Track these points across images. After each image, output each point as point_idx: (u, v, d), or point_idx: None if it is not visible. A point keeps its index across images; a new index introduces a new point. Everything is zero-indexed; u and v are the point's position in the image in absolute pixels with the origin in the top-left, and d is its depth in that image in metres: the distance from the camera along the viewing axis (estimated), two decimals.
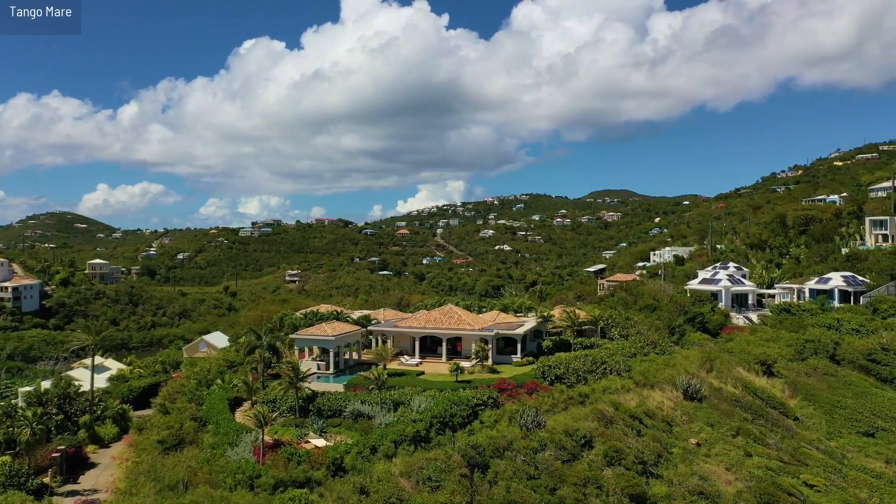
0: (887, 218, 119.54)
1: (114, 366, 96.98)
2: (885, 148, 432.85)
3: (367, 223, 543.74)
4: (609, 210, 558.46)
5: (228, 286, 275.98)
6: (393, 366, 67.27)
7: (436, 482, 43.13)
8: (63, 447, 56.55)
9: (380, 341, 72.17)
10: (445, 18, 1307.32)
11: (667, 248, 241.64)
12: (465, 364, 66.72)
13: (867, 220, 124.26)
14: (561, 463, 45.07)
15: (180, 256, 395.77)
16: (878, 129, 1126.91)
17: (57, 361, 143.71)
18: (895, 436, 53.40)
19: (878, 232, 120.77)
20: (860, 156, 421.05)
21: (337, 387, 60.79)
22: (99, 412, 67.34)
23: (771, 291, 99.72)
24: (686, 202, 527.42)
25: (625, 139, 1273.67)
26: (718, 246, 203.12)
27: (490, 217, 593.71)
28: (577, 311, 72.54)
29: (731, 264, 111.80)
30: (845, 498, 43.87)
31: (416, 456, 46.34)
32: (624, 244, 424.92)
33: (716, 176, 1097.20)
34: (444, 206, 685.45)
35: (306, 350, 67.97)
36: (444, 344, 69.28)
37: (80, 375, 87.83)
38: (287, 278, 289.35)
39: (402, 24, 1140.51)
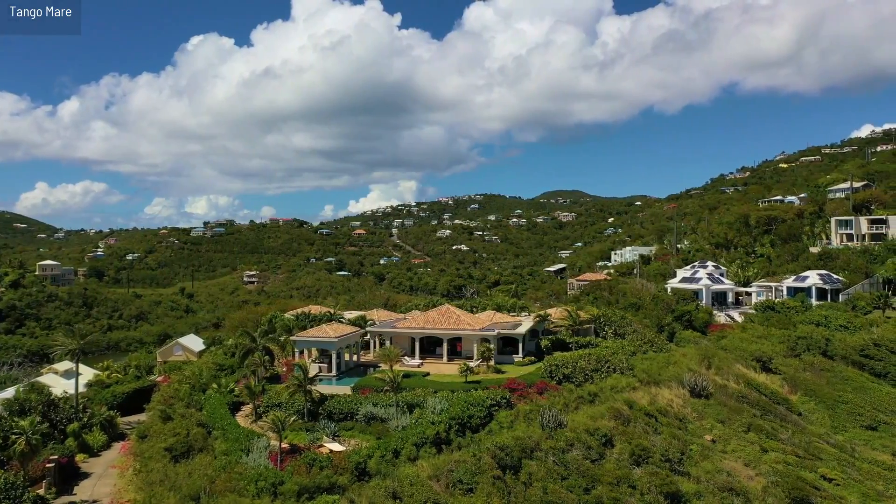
0: (852, 218, 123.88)
1: (84, 371, 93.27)
2: (828, 151, 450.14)
3: (322, 223, 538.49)
4: (563, 210, 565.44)
5: (184, 288, 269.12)
6: (395, 366, 66.25)
7: (467, 485, 42.53)
8: (56, 457, 54.07)
9: (377, 342, 71.08)
10: (398, 18, 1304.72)
11: (627, 248, 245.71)
12: (459, 363, 66.26)
13: (833, 220, 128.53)
14: (590, 462, 45.06)
15: (130, 257, 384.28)
16: (819, 131, 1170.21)
17: (11, 367, 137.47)
18: None
19: (843, 231, 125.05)
20: (804, 158, 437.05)
21: (342, 389, 59.50)
22: (85, 420, 64.58)
23: (747, 289, 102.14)
24: (638, 202, 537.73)
25: (575, 140, 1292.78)
26: (679, 245, 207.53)
27: (445, 217, 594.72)
28: (579, 311, 72.65)
29: (710, 263, 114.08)
30: (864, 491, 44.94)
31: (442, 458, 45.64)
32: (580, 244, 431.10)
33: (665, 177, 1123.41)
34: (398, 206, 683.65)
35: (305, 352, 66.39)
36: (444, 344, 68.59)
37: (51, 382, 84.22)
38: (245, 279, 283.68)
39: (354, 23, 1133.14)
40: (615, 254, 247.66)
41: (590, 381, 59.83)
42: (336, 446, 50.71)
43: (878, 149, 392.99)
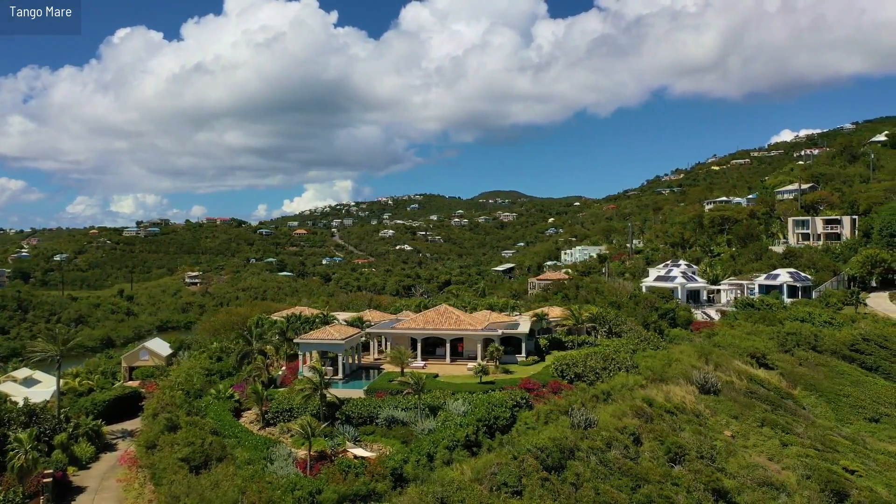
0: (809, 218, 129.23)
1: (43, 378, 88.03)
2: (756, 154, 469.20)
3: (261, 223, 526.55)
4: (502, 210, 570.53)
5: (123, 290, 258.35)
6: (397, 369, 64.96)
7: (513, 487, 41.84)
8: (51, 471, 50.70)
9: (377, 344, 69.51)
10: (334, 16, 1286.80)
11: (577, 248, 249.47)
12: (472, 365, 65.46)
13: (790, 220, 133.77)
14: (630, 461, 45.04)
15: (57, 258, 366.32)
16: (742, 136, 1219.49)
17: None
18: None
19: (799, 231, 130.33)
20: (734, 161, 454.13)
21: (352, 392, 57.74)
22: (70, 430, 60.81)
23: (717, 287, 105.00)
24: (577, 203, 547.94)
25: (511, 141, 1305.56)
26: (627, 245, 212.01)
27: (384, 217, 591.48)
28: (580, 310, 72.78)
29: (682, 262, 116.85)
30: (887, 482, 46.46)
31: (480, 461, 44.81)
32: (522, 244, 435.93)
33: (601, 178, 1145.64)
34: (336, 205, 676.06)
35: (307, 355, 64.25)
36: (447, 345, 67.63)
37: (10, 390, 78.99)
38: (187, 280, 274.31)
39: (289, 20, 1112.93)
40: (565, 253, 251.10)
41: (600, 380, 59.98)
42: (361, 451, 49.18)
43: (804, 152, 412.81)
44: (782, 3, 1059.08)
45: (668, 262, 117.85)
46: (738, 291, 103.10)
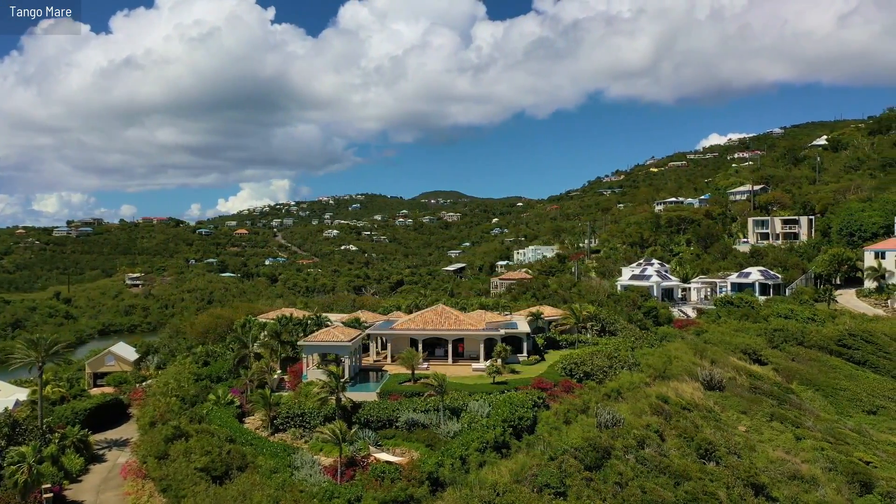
0: (768, 218, 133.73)
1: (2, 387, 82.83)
2: (692, 157, 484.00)
3: (199, 222, 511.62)
4: (445, 210, 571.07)
5: (60, 292, 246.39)
6: (400, 370, 63.76)
7: (556, 488, 41.41)
8: (49, 486, 47.71)
9: (374, 345, 68.02)
10: (271, 12, 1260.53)
11: (530, 248, 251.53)
12: (476, 365, 64.86)
13: (750, 220, 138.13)
14: (665, 458, 45.19)
15: None
16: (675, 139, 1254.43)
17: None
18: (895, 412, 59.75)
19: (759, 231, 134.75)
20: (672, 163, 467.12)
21: (361, 395, 56.08)
22: (57, 441, 57.27)
23: (689, 285, 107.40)
24: (520, 203, 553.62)
25: (451, 142, 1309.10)
26: (580, 245, 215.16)
27: (326, 217, 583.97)
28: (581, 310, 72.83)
29: (655, 261, 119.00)
30: None
31: (514, 462, 44.23)
32: (467, 244, 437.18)
33: (543, 179, 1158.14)
34: (276, 205, 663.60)
35: (310, 358, 62.22)
36: (449, 345, 66.69)
37: None
38: (128, 282, 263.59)
39: (224, 15, 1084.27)
40: (518, 253, 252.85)
41: (608, 378, 60.21)
42: (386, 456, 47.85)
43: (737, 155, 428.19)
44: (711, 11, 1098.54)
45: (642, 261, 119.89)
46: (709, 289, 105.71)
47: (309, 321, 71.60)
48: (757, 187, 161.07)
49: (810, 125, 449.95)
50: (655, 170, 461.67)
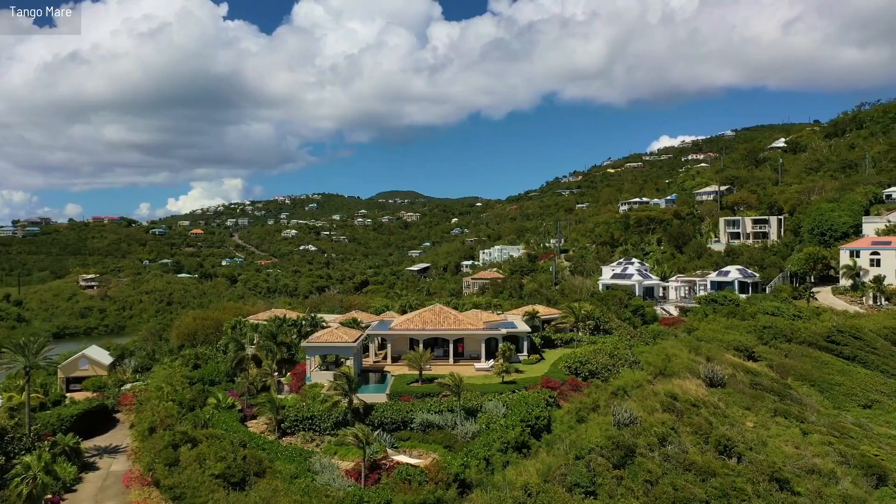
0: (739, 218, 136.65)
1: None
2: (648, 158, 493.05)
3: (152, 222, 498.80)
4: (403, 210, 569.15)
5: (10, 294, 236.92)
6: (401, 370, 62.90)
7: (586, 487, 41.21)
8: (50, 496, 45.73)
9: (377, 345, 66.87)
10: (224, 8, 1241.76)
11: (496, 247, 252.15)
12: (479, 365, 64.36)
13: (721, 220, 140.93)
14: (686, 455, 45.36)
15: None
16: (627, 140, 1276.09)
17: None
18: (890, 406, 61.36)
19: (730, 231, 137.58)
20: (628, 164, 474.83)
21: (368, 397, 54.91)
22: (47, 449, 54.78)
23: (667, 284, 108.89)
24: (479, 203, 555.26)
25: (406, 142, 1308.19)
26: (546, 245, 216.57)
27: (282, 217, 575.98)
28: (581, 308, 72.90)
29: (635, 260, 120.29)
30: None
31: (537, 462, 43.89)
32: (428, 244, 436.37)
33: (499, 179, 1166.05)
34: (231, 204, 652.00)
35: (311, 360, 60.76)
36: (451, 345, 66.01)
37: None
38: (82, 283, 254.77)
39: (175, 10, 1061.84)
40: (483, 253, 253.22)
41: (612, 377, 60.38)
42: (403, 458, 46.99)
43: (690, 156, 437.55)
44: (662, 16, 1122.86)
45: (622, 260, 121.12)
46: (687, 288, 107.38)
47: (303, 322, 70.01)
48: (723, 188, 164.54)
49: (760, 128, 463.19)
50: (612, 171, 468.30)
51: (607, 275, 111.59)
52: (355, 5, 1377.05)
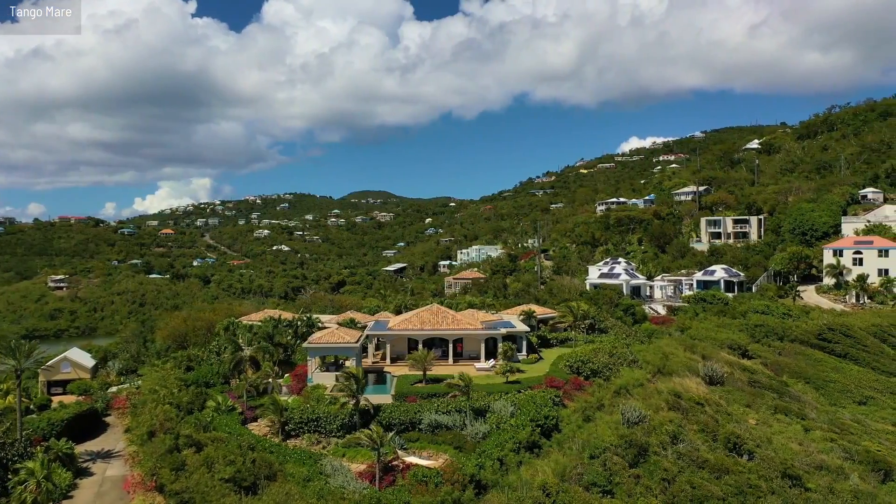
0: (720, 218, 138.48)
1: None
2: (620, 159, 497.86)
3: (121, 222, 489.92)
4: (376, 210, 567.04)
5: None
6: (401, 370, 62.37)
7: (603, 486, 41.18)
8: None
9: (375, 346, 66.17)
10: (192, 6, 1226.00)
11: (473, 247, 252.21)
12: (480, 365, 64.05)
13: (702, 220, 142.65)
14: (697, 452, 45.56)
15: None
16: (598, 141, 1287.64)
17: None
18: (884, 402, 62.44)
19: (711, 230, 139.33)
20: (601, 165, 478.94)
21: (381, 398, 54.20)
22: (40, 455, 53.17)
23: (653, 283, 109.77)
24: (452, 203, 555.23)
25: (379, 141, 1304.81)
26: (525, 245, 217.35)
27: (253, 216, 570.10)
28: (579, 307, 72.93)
29: (622, 260, 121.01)
30: None
31: (549, 462, 43.76)
32: (402, 244, 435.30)
33: (472, 179, 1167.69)
34: (200, 204, 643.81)
35: (312, 361, 59.85)
36: (450, 345, 65.58)
37: None
38: (52, 285, 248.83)
39: (142, 6, 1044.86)
40: (461, 253, 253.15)
41: (614, 376, 60.52)
42: (414, 459, 46.48)
43: (661, 157, 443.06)
44: (632, 18, 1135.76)
45: (609, 260, 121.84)
46: (673, 287, 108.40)
47: (299, 323, 69.01)
48: (701, 188, 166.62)
49: (729, 130, 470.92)
50: (585, 171, 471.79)
51: (594, 274, 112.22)
52: (326, 4, 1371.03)
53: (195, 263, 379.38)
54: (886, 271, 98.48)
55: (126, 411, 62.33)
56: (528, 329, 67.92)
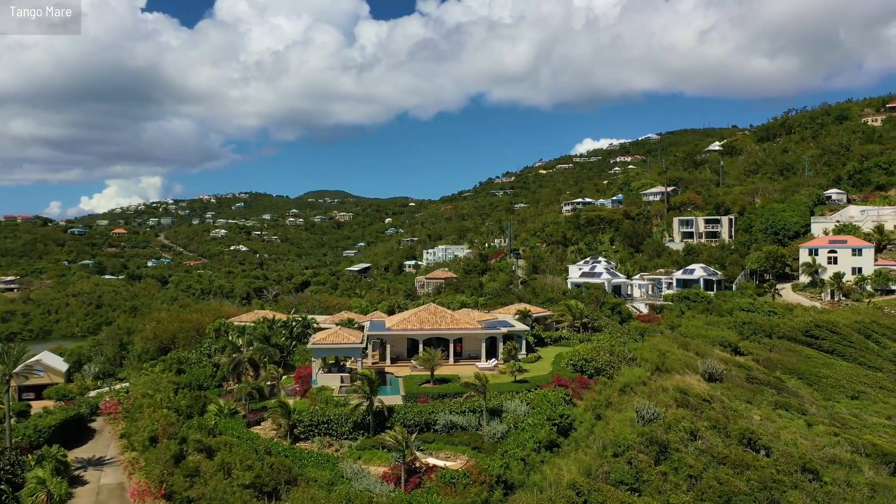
0: (692, 218, 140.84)
1: None
2: (578, 160, 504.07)
3: (69, 221, 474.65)
4: (335, 210, 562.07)
5: None
6: (401, 371, 61.59)
7: (630, 484, 41.14)
8: None
9: (374, 346, 65.12)
10: (142, 0, 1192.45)
11: (439, 248, 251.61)
12: (482, 364, 63.66)
13: (675, 220, 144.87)
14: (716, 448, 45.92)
15: None
16: (553, 142, 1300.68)
17: None
18: (875, 397, 64.12)
19: (683, 230, 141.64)
20: (560, 165, 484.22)
21: (392, 399, 53.26)
22: (33, 463, 50.93)
23: (632, 282, 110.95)
24: (412, 203, 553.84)
25: (335, 141, 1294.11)
26: (492, 245, 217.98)
27: (208, 216, 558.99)
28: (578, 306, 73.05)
29: (602, 259, 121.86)
30: None
31: (570, 461, 43.53)
32: (362, 244, 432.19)
33: (430, 179, 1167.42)
34: (152, 203, 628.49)
35: (316, 362, 58.51)
36: (451, 345, 64.97)
37: None
38: (1, 286, 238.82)
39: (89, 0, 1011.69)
40: (427, 253, 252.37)
41: (615, 374, 60.83)
42: (433, 460, 45.83)
43: (619, 159, 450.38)
44: (587, 21, 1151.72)
45: (589, 259, 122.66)
46: (652, 286, 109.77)
47: (294, 323, 67.48)
48: (669, 189, 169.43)
49: (683, 132, 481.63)
50: (544, 171, 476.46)
51: (575, 273, 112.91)
52: (281, 1, 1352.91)
53: (150, 264, 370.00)
54: (860, 269, 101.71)
55: (118, 416, 60.08)
56: (527, 328, 67.80)
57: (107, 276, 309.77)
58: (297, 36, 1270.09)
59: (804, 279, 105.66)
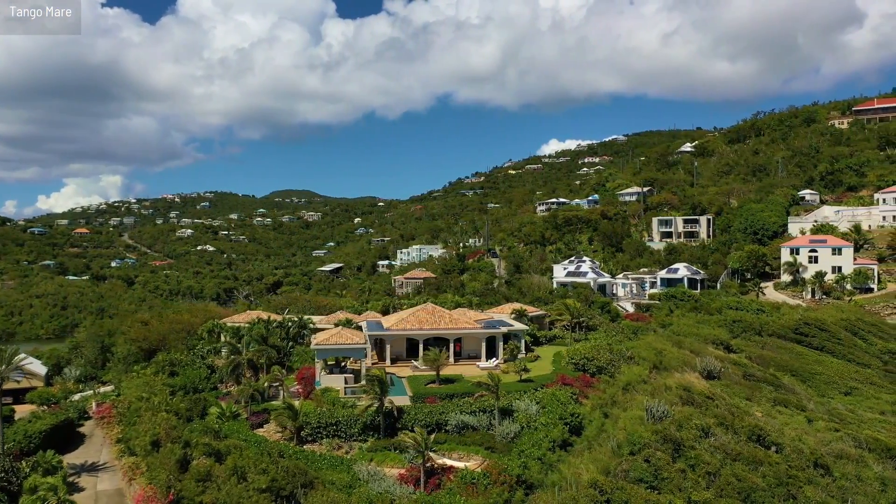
0: (671, 218, 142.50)
1: None
2: (546, 160, 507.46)
3: (28, 220, 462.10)
4: (302, 210, 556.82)
5: None
6: (401, 371, 60.99)
7: (649, 482, 41.21)
8: None
9: (374, 347, 64.33)
10: None
11: (414, 247, 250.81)
12: (483, 364, 63.37)
13: (654, 220, 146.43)
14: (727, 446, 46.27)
15: None
16: (519, 143, 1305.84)
17: None
18: (867, 392, 65.40)
19: (663, 230, 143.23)
20: (529, 166, 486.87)
21: (400, 400, 52.58)
22: (27, 470, 49.27)
23: (616, 281, 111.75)
24: (380, 203, 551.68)
25: (301, 140, 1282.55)
26: (467, 245, 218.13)
27: (172, 215, 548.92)
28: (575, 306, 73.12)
29: (587, 258, 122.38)
30: None
31: (585, 459, 43.45)
32: (332, 244, 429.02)
33: (398, 179, 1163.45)
34: (114, 202, 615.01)
35: (320, 363, 57.52)
36: (451, 345, 64.51)
37: None
38: None
39: None
40: (401, 252, 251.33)
41: (617, 372, 61.03)
42: (446, 461, 45.28)
43: (587, 160, 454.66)
44: (553, 23, 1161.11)
45: (574, 259, 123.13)
46: (636, 285, 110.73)
47: (290, 324, 66.33)
48: (644, 189, 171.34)
49: (648, 133, 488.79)
50: (513, 172, 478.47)
51: (560, 273, 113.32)
52: None
53: (114, 264, 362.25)
54: (840, 268, 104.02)
55: (111, 421, 58.33)
56: (525, 328, 67.68)
57: (70, 277, 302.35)
58: (262, 33, 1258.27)
59: (786, 278, 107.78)
